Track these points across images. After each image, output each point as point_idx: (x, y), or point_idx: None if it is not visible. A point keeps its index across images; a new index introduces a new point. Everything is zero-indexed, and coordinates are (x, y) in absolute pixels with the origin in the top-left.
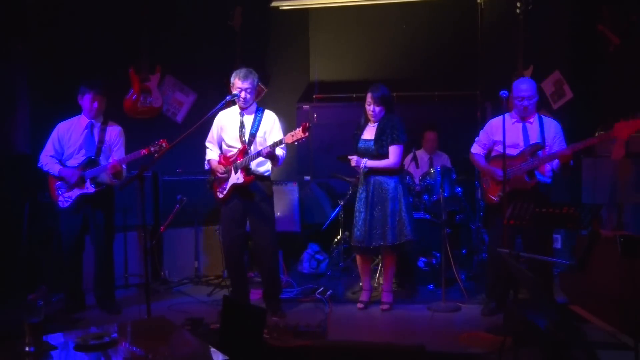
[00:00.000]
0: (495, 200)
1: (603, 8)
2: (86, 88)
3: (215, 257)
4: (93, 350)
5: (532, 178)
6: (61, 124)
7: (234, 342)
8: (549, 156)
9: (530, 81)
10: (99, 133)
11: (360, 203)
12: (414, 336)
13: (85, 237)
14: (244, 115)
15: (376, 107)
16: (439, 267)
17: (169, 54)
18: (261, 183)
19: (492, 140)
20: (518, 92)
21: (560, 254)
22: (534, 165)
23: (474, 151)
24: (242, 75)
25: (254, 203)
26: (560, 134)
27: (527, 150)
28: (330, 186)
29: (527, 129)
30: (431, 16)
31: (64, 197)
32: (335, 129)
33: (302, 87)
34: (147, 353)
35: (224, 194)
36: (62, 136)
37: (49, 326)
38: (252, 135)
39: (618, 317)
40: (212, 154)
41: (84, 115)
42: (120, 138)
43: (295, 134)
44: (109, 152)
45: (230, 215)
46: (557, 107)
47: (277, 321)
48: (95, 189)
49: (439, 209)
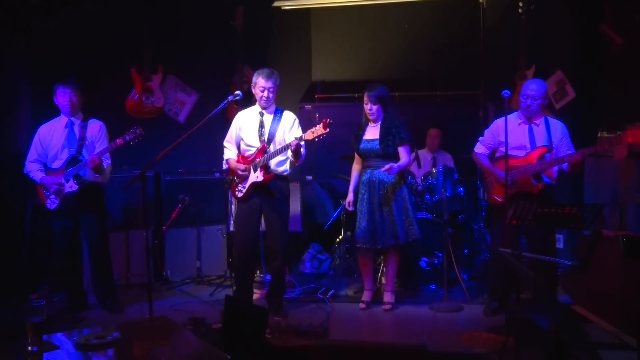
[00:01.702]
0: (499, 201)
1: (606, 8)
2: (60, 85)
3: (218, 257)
4: (95, 349)
5: (539, 181)
6: (41, 127)
7: (236, 342)
8: (557, 160)
9: (541, 83)
10: (79, 130)
11: (363, 204)
12: (416, 336)
13: (83, 237)
14: (264, 115)
15: (373, 106)
16: (441, 267)
17: (171, 54)
18: (280, 182)
19: (498, 140)
20: (525, 90)
21: (563, 254)
22: (541, 168)
23: (477, 150)
24: (266, 75)
25: (272, 202)
26: (566, 136)
27: (534, 153)
28: (332, 186)
29: (534, 131)
30: (433, 16)
31: (50, 200)
32: (337, 129)
33: (304, 87)
34: (149, 353)
35: (243, 193)
36: (44, 138)
37: (51, 326)
38: (271, 135)
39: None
40: (231, 154)
41: (63, 115)
42: (102, 132)
43: (316, 130)
44: (93, 149)
45: (248, 213)
46: (560, 107)
47: (279, 321)
48: (79, 187)
49: (441, 208)
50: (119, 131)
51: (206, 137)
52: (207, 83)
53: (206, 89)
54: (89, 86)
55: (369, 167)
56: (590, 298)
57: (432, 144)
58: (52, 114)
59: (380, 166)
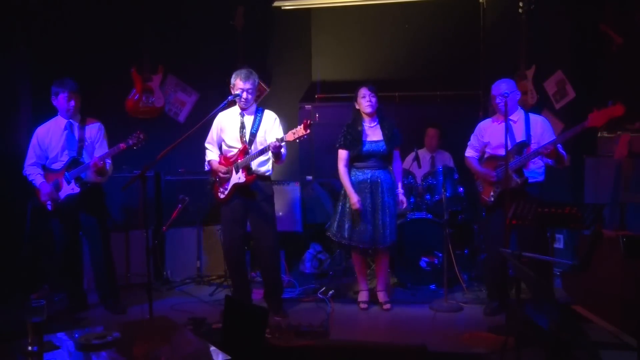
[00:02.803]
0: (488, 200)
1: (606, 7)
2: (59, 88)
3: (218, 256)
4: (95, 349)
5: (521, 176)
6: (39, 129)
7: (236, 341)
8: (533, 153)
9: (509, 80)
10: (78, 132)
11: (366, 204)
12: (416, 336)
13: (84, 238)
14: (244, 116)
15: (373, 99)
16: (441, 267)
17: (171, 53)
18: (262, 183)
19: (482, 142)
20: (498, 90)
21: (563, 254)
22: (521, 164)
23: (467, 155)
24: (244, 76)
25: (255, 203)
26: (548, 129)
27: (513, 149)
28: (332, 186)
29: (512, 128)
30: (433, 16)
31: (49, 203)
32: (337, 129)
33: (304, 87)
34: (149, 353)
35: (225, 194)
36: (42, 140)
37: (51, 326)
38: (252, 135)
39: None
40: (212, 155)
41: (60, 116)
42: (100, 133)
43: (297, 131)
44: (92, 150)
45: (231, 215)
46: (560, 107)
47: (279, 321)
48: (81, 189)
49: (441, 208)
50: (119, 131)
51: (206, 137)
52: (207, 83)
53: (206, 89)
54: (89, 86)
55: (370, 167)
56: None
57: (430, 144)
58: (52, 115)
59: (382, 167)
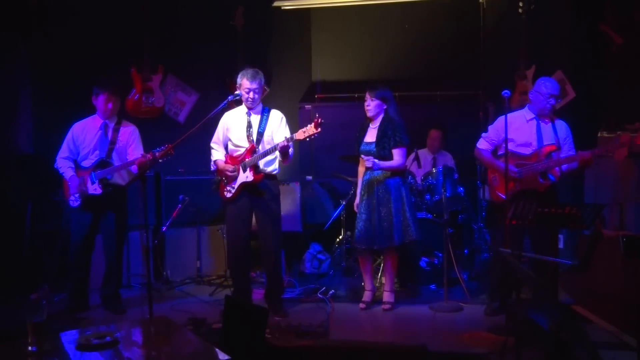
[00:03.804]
0: (503, 198)
1: (606, 7)
2: (99, 89)
3: (218, 257)
4: (95, 349)
5: (546, 179)
6: (76, 125)
7: (236, 341)
8: (566, 159)
9: (556, 81)
10: (112, 133)
11: (362, 204)
12: (416, 336)
13: (96, 238)
14: (251, 115)
15: (371, 102)
16: (441, 267)
17: (171, 53)
18: (269, 181)
19: (502, 137)
20: (552, 89)
21: (563, 254)
22: (549, 167)
23: (480, 147)
24: (250, 76)
25: (262, 201)
26: (570, 136)
27: (542, 150)
28: (332, 186)
29: (542, 129)
30: (433, 16)
31: (74, 197)
32: (337, 129)
33: (304, 87)
34: (149, 353)
35: (232, 193)
36: (77, 137)
37: (51, 326)
38: (259, 134)
39: (620, 317)
40: (218, 155)
41: (98, 116)
42: (135, 135)
43: (307, 129)
44: (124, 153)
45: (237, 213)
46: (560, 107)
47: (279, 321)
48: (103, 191)
49: (441, 208)
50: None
51: (206, 137)
52: (207, 83)
53: (206, 89)
54: (89, 86)
55: (368, 168)
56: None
57: (432, 145)
58: (52, 115)
59: None
